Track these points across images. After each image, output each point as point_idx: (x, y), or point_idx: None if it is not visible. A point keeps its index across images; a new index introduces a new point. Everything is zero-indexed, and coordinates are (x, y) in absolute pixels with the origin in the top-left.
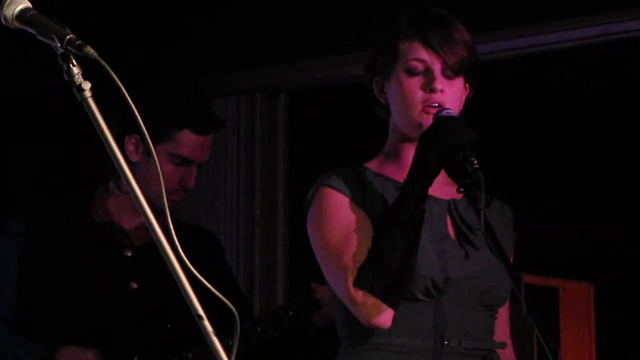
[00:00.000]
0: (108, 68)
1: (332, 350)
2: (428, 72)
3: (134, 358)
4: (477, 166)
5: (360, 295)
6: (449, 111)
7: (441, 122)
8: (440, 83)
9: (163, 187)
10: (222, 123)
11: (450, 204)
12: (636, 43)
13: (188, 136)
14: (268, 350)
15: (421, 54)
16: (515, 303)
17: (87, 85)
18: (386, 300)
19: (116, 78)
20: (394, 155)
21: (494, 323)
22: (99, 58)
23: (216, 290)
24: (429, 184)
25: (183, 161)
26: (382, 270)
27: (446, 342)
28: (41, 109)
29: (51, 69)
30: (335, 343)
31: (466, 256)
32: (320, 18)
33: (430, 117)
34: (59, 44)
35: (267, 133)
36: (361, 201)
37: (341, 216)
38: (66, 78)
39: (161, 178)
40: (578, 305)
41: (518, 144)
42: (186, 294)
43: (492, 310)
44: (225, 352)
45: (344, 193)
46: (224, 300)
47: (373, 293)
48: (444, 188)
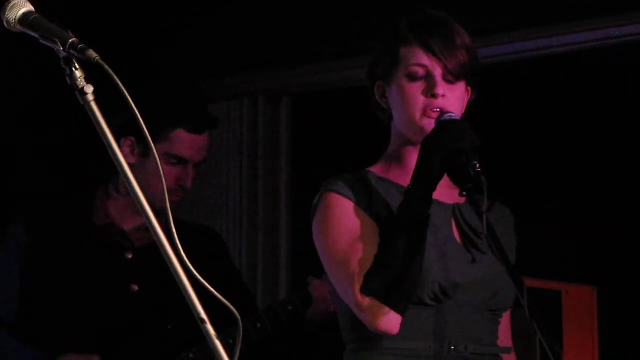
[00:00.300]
0: (111, 72)
1: (331, 349)
2: (429, 77)
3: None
4: (480, 170)
5: (367, 301)
6: (451, 115)
7: (443, 126)
8: (441, 88)
9: (165, 188)
10: (217, 121)
11: (454, 208)
12: (639, 47)
13: (182, 135)
14: (268, 348)
15: (422, 59)
16: (518, 307)
17: (90, 88)
18: (393, 306)
19: (119, 81)
20: (397, 159)
21: (498, 329)
22: (102, 62)
23: (221, 288)
24: (433, 188)
25: (179, 161)
26: (389, 276)
27: (453, 347)
28: (41, 110)
29: (51, 71)
30: (335, 342)
31: (473, 260)
32: (323, 21)
33: (432, 122)
34: (62, 48)
35: (270, 136)
36: (367, 207)
37: (348, 222)
38: (69, 81)
39: (163, 178)
40: (581, 308)
41: (520, 148)
42: (188, 297)
43: (497, 314)
44: (227, 354)
45: (350, 199)
46: (226, 303)
47: (380, 299)
48: (448, 192)
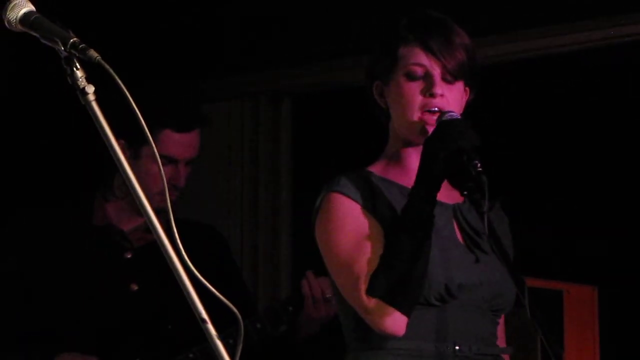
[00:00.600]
0: (112, 71)
1: (331, 349)
2: (428, 77)
3: (136, 359)
4: (481, 169)
5: (373, 303)
6: (452, 114)
7: (445, 126)
8: (440, 88)
9: (166, 188)
10: (206, 118)
11: (455, 209)
12: (639, 47)
13: (170, 135)
14: (268, 349)
15: (421, 59)
16: (519, 307)
17: (91, 88)
18: (399, 307)
19: (120, 81)
20: (396, 159)
21: (497, 329)
22: (103, 61)
23: (221, 288)
24: (438, 189)
25: (169, 161)
26: (395, 277)
27: (457, 347)
28: (40, 112)
29: (51, 73)
30: (335, 343)
31: (476, 261)
32: (323, 21)
33: (430, 120)
34: (63, 48)
35: (271, 137)
36: (371, 207)
37: (352, 223)
38: (69, 81)
39: (164, 178)
40: (582, 308)
41: (520, 148)
42: (189, 296)
43: (498, 315)
44: (228, 354)
45: (354, 199)
46: (227, 303)
47: (386, 300)
48: (448, 192)
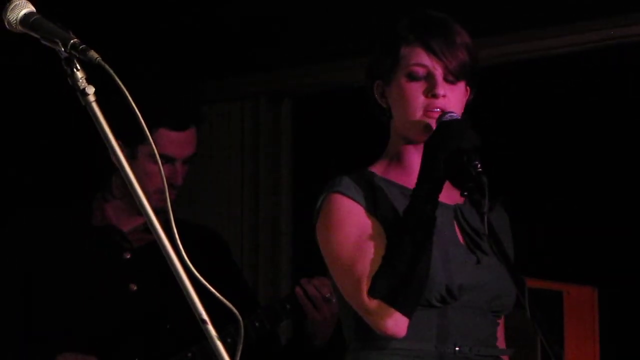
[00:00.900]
0: (112, 72)
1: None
2: (430, 77)
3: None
4: (481, 170)
5: (374, 304)
6: (452, 114)
7: (445, 126)
8: (442, 88)
9: (166, 187)
10: (200, 116)
11: (456, 209)
12: (639, 47)
13: (166, 134)
14: (267, 349)
15: (422, 59)
16: (519, 307)
17: (91, 89)
18: (401, 308)
19: (120, 82)
20: (397, 159)
21: (497, 330)
22: (103, 62)
23: (222, 289)
24: (439, 190)
25: (166, 160)
26: (396, 278)
27: (458, 348)
28: (40, 112)
29: (52, 73)
30: (334, 343)
31: (478, 262)
32: (324, 22)
33: (432, 121)
34: (63, 48)
35: (271, 137)
36: (373, 208)
37: (353, 223)
38: (70, 82)
39: (164, 177)
40: (582, 309)
41: (520, 148)
42: (189, 297)
43: (498, 316)
44: (227, 354)
45: (355, 200)
46: (227, 304)
47: (388, 302)
48: (449, 193)
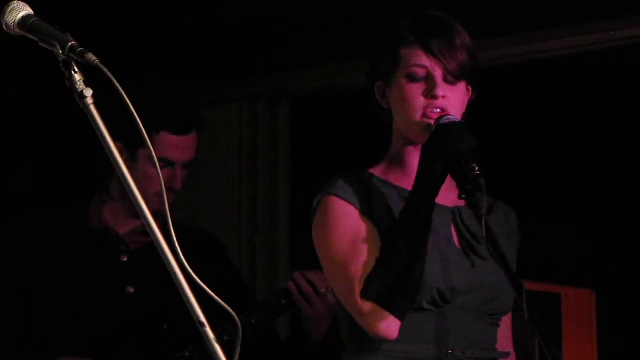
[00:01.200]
0: (110, 75)
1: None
2: (429, 78)
3: None
4: (479, 172)
5: (367, 305)
6: (450, 117)
7: (443, 130)
8: (441, 89)
9: (164, 190)
10: (201, 120)
11: (454, 212)
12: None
13: (167, 138)
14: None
15: (422, 60)
16: (517, 310)
17: (89, 92)
18: (393, 311)
19: (118, 85)
20: (398, 161)
21: (497, 333)
22: (101, 65)
23: (221, 292)
24: (436, 193)
25: (166, 163)
26: (390, 280)
27: (450, 351)
28: (40, 112)
29: (51, 74)
30: (333, 343)
31: (472, 265)
32: (322, 25)
33: (432, 122)
34: (61, 51)
35: (269, 140)
36: (368, 210)
37: (348, 225)
38: (68, 85)
39: (162, 181)
40: (580, 311)
41: (520, 150)
42: (187, 299)
43: (496, 318)
44: (225, 354)
45: (350, 202)
46: (225, 306)
47: (380, 304)
48: (449, 195)
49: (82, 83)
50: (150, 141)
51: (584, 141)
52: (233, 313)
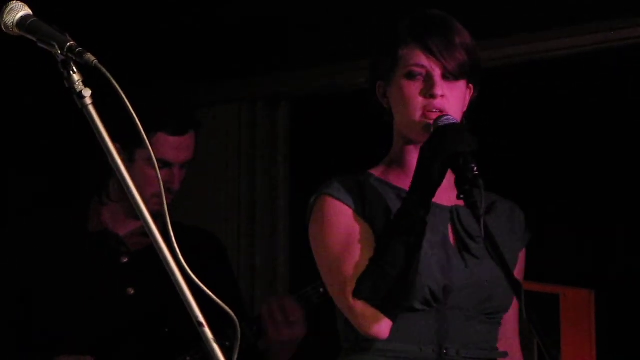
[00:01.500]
0: (109, 75)
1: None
2: (428, 78)
3: None
4: (477, 172)
5: (358, 305)
6: (449, 117)
7: (441, 131)
8: (440, 89)
9: (163, 191)
10: (198, 121)
11: (452, 211)
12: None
13: (163, 138)
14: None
15: (421, 60)
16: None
17: (88, 92)
18: (385, 311)
19: (117, 85)
20: (398, 160)
21: (497, 331)
22: (100, 65)
23: (215, 293)
24: (432, 195)
25: (164, 164)
26: (382, 280)
27: (445, 351)
28: (40, 112)
29: (51, 74)
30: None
31: (466, 265)
32: (322, 25)
33: (431, 122)
34: (60, 51)
35: (268, 141)
36: (362, 210)
37: (342, 225)
38: (66, 85)
39: (161, 181)
40: (579, 312)
41: (519, 150)
42: (186, 300)
43: (494, 318)
44: (225, 358)
45: (345, 202)
46: (224, 306)
47: (371, 303)
48: (448, 194)
49: (81, 83)
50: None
51: (584, 141)
52: (231, 313)
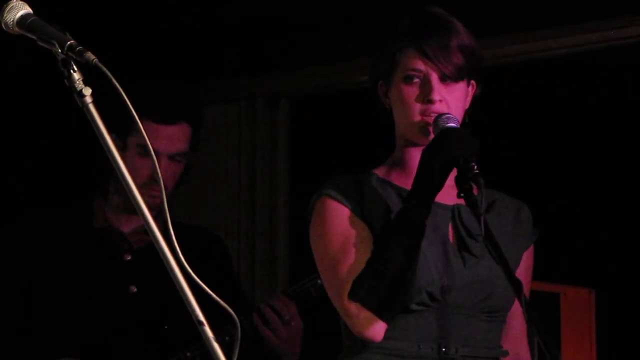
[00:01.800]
0: (109, 73)
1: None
2: (425, 82)
3: None
4: (477, 171)
5: (353, 307)
6: (449, 116)
7: (443, 135)
8: (437, 94)
9: (162, 184)
10: (193, 113)
11: (454, 210)
12: (639, 49)
13: (150, 127)
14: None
15: (417, 64)
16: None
17: (88, 91)
18: (379, 313)
19: (117, 83)
20: (399, 161)
21: (500, 330)
22: (100, 64)
23: (218, 290)
24: (433, 197)
25: (148, 153)
26: (378, 283)
27: (444, 349)
28: (40, 112)
29: (51, 73)
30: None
31: (465, 264)
32: (322, 24)
33: (430, 120)
34: (60, 50)
35: (268, 139)
36: (360, 211)
37: (340, 227)
38: (67, 84)
39: (160, 176)
40: (579, 311)
41: (519, 150)
42: (186, 298)
43: (495, 316)
44: (225, 354)
45: (343, 203)
46: (223, 304)
47: (366, 306)
48: (450, 193)
49: (81, 82)
50: (136, 129)
51: (584, 141)
52: (232, 311)
